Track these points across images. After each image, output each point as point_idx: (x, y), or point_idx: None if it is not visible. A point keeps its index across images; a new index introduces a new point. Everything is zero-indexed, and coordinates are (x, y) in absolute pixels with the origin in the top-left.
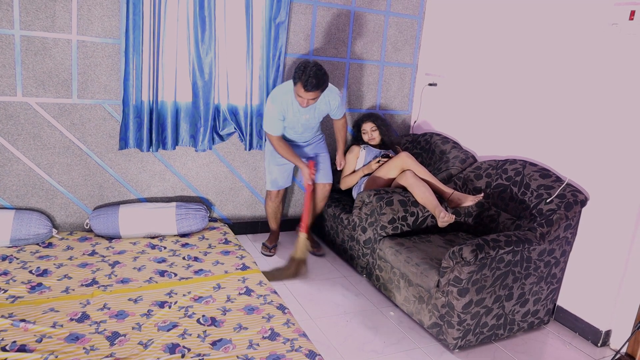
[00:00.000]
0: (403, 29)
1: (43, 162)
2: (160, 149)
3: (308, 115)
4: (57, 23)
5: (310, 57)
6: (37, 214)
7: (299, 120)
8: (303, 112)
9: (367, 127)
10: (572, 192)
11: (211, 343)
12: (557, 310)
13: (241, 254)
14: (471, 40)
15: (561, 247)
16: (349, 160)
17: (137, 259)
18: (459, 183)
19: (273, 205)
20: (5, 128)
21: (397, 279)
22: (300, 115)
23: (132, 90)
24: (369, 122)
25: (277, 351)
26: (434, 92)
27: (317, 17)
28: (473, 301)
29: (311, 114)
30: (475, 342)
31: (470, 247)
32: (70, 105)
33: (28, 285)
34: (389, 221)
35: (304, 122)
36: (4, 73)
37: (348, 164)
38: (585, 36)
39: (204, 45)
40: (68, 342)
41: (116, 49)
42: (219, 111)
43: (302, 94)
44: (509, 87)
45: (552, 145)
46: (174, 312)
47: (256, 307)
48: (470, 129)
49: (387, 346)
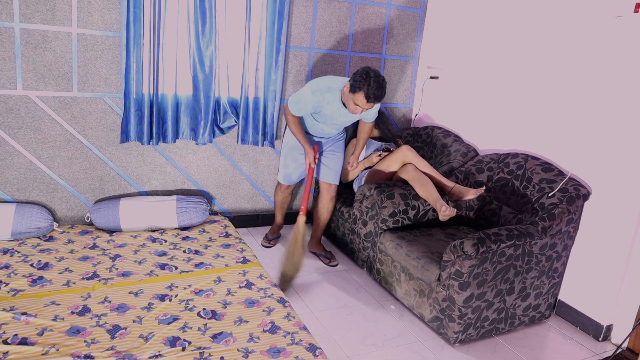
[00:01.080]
0: (405, 21)
1: (44, 156)
2: (160, 142)
3: (346, 118)
4: (57, 16)
5: (311, 50)
6: (38, 208)
7: (333, 120)
8: (343, 114)
9: None
10: (574, 186)
11: (212, 336)
12: (558, 305)
13: (242, 247)
14: (473, 34)
15: (563, 241)
16: (349, 151)
17: (138, 252)
18: (460, 176)
19: (282, 195)
20: (6, 121)
21: (398, 273)
22: (338, 117)
23: (133, 84)
24: None
25: (277, 344)
26: (436, 85)
27: (318, 9)
28: (474, 295)
29: (350, 117)
30: (476, 336)
31: (472, 240)
32: (70, 98)
33: (29, 279)
34: (389, 214)
35: (339, 123)
36: (4, 66)
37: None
38: (589, 29)
39: (205, 38)
40: (69, 335)
41: (116, 42)
42: (220, 104)
43: (361, 103)
44: (511, 80)
45: (554, 139)
46: (174, 305)
47: (256, 301)
48: (472, 123)
49: (388, 340)
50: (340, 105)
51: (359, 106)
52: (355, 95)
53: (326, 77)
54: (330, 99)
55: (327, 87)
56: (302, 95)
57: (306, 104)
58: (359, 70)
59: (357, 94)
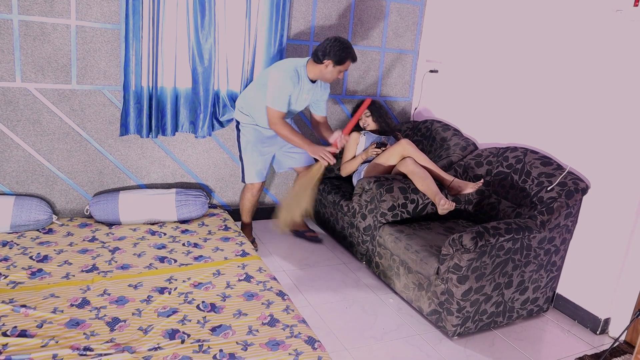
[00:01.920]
0: (404, 15)
1: (43, 148)
2: (160, 135)
3: (308, 96)
4: (55, 8)
5: (310, 42)
6: (37, 200)
7: (297, 101)
8: (305, 91)
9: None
10: (573, 180)
11: (211, 329)
12: (556, 298)
13: (241, 241)
14: (473, 27)
15: (561, 235)
16: (349, 146)
17: (137, 245)
18: (459, 170)
19: (254, 199)
20: (5, 114)
21: (397, 266)
22: (302, 95)
23: (132, 76)
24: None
25: (276, 337)
26: (435, 79)
27: (318, 2)
28: (472, 288)
29: (311, 95)
30: (474, 329)
31: (470, 234)
32: (69, 91)
33: (28, 271)
34: (388, 208)
35: (302, 102)
36: (2, 58)
37: (348, 151)
38: (589, 23)
39: (204, 31)
40: (68, 327)
41: (115, 35)
42: (219, 97)
43: (347, 68)
44: (511, 74)
45: (553, 133)
46: (173, 298)
47: (256, 294)
48: (471, 117)
49: (386, 333)
50: (307, 82)
51: (341, 71)
52: (343, 65)
53: (279, 62)
54: (297, 77)
55: (291, 66)
56: (277, 82)
57: (286, 88)
58: (330, 43)
59: (345, 63)
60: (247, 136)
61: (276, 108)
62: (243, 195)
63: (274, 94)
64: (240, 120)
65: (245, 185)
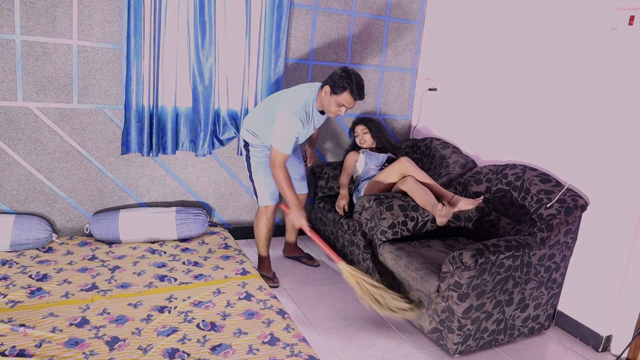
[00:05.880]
0: (403, 34)
1: (43, 167)
2: (160, 153)
3: (316, 123)
4: (57, 28)
5: (310, 62)
6: (37, 219)
7: (306, 134)
8: (314, 124)
9: (359, 130)
10: (572, 197)
11: (211, 348)
12: (557, 315)
13: (241, 259)
14: (471, 45)
15: (561, 251)
16: (348, 165)
17: (137, 264)
18: (459, 188)
19: (269, 223)
20: (6, 133)
21: (398, 284)
22: (310, 129)
23: (133, 95)
24: (361, 125)
25: (276, 356)
26: (434, 97)
27: (317, 22)
28: (473, 306)
29: (318, 124)
30: (475, 347)
31: (471, 252)
32: (70, 110)
33: (28, 290)
34: (389, 226)
35: (309, 132)
36: (4, 78)
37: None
38: (585, 41)
39: (204, 50)
40: (67, 347)
41: (116, 54)
42: (219, 116)
43: (346, 102)
44: (509, 92)
45: (552, 150)
46: (173, 317)
47: (256, 312)
48: (470, 134)
49: (387, 351)
50: (317, 115)
51: (344, 106)
52: (339, 96)
53: (287, 94)
54: (310, 112)
55: (301, 102)
56: (286, 127)
57: (294, 132)
58: (337, 72)
59: (342, 94)
60: (257, 157)
61: (281, 150)
62: (257, 221)
63: (280, 137)
64: (249, 142)
65: (259, 209)
